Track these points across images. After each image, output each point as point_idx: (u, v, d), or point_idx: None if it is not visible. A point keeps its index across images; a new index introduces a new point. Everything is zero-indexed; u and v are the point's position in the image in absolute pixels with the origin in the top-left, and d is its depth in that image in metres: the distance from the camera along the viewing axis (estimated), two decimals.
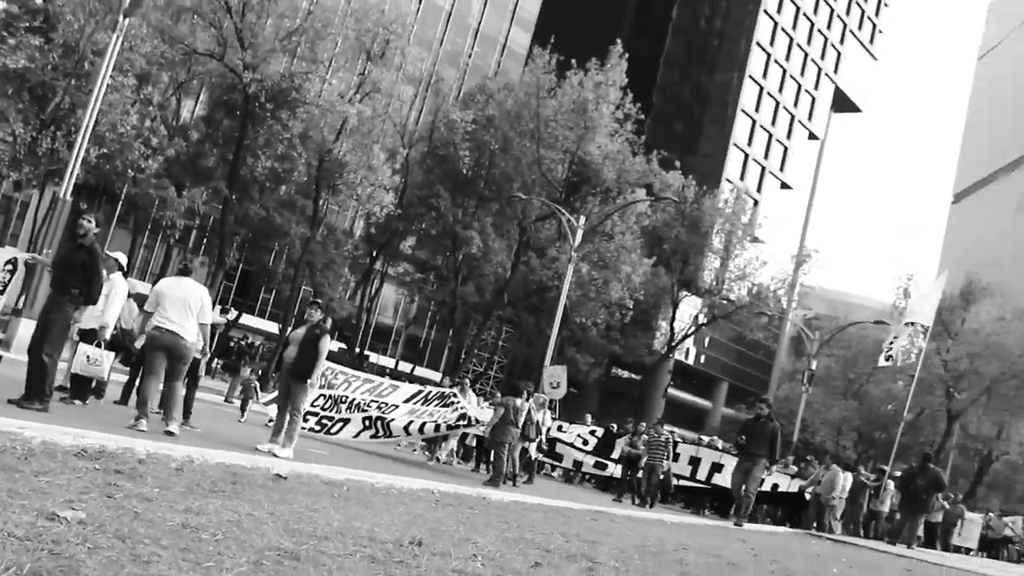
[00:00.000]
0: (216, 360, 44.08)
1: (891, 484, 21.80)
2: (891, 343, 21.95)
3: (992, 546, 28.96)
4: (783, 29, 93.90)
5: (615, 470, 21.78)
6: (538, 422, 18.23)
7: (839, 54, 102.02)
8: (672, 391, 73.81)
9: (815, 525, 19.51)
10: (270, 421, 16.12)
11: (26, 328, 15.62)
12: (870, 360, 65.27)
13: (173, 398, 10.52)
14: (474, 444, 20.38)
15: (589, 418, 25.95)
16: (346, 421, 15.91)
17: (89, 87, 26.96)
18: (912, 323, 21.19)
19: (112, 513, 3.73)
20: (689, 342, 65.84)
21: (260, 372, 22.24)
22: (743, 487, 16.01)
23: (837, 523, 20.28)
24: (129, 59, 33.16)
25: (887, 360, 22.70)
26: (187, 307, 10.44)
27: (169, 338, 10.34)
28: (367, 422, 16.07)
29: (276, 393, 15.80)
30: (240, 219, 41.07)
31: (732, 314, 56.60)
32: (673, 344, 58.68)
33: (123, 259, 12.12)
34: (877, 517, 21.73)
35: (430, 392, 17.21)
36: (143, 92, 36.65)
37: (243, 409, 19.10)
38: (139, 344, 11.19)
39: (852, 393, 64.31)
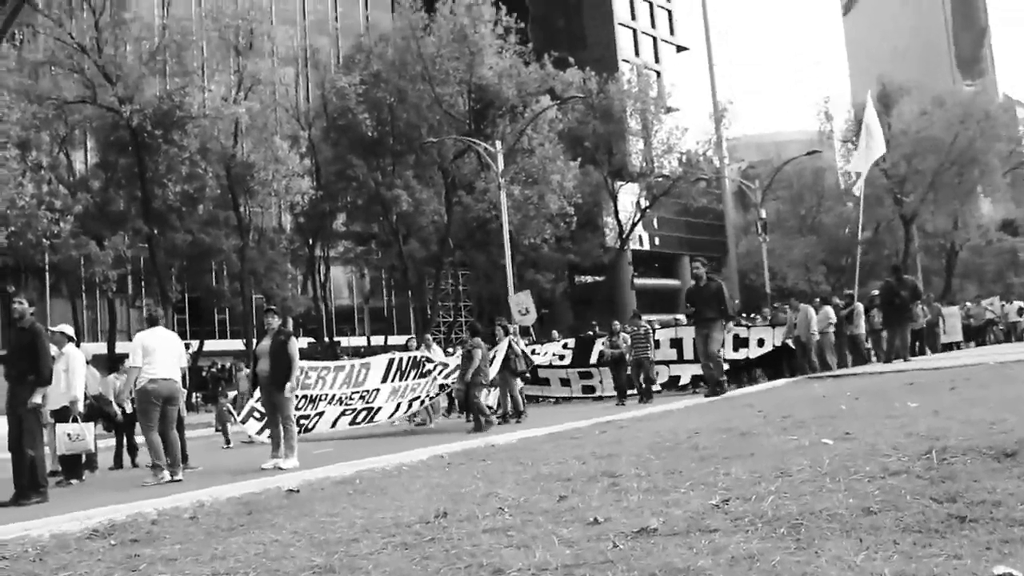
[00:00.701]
0: (194, 394, 43.71)
1: (860, 306, 22.05)
2: (853, 180, 22.10)
3: (979, 333, 29.47)
4: None
5: (602, 379, 21.80)
6: (524, 353, 18.29)
7: None
8: (638, 281, 74.34)
9: (809, 367, 19.71)
10: (248, 439, 16.12)
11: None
12: (814, 192, 66.31)
13: (176, 445, 10.89)
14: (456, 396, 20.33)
15: (556, 334, 25.98)
16: (321, 413, 15.89)
17: None
18: (879, 162, 21.25)
19: None
20: (639, 228, 66.19)
21: (234, 393, 22.01)
22: (707, 354, 15.47)
23: (832, 356, 20.51)
24: (2, 131, 32.15)
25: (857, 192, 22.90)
26: (170, 354, 10.95)
27: (166, 386, 10.79)
28: (348, 412, 16.12)
29: (247, 409, 15.93)
30: (169, 251, 40.51)
31: (671, 189, 56.93)
32: (625, 236, 59.02)
33: (70, 330, 12.10)
34: (856, 341, 21.93)
35: (402, 360, 17.11)
36: (29, 159, 35.63)
37: (225, 436, 18.84)
38: (128, 407, 11.73)
39: (807, 228, 65.23)
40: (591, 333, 25.42)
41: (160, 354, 10.77)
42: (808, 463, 5.05)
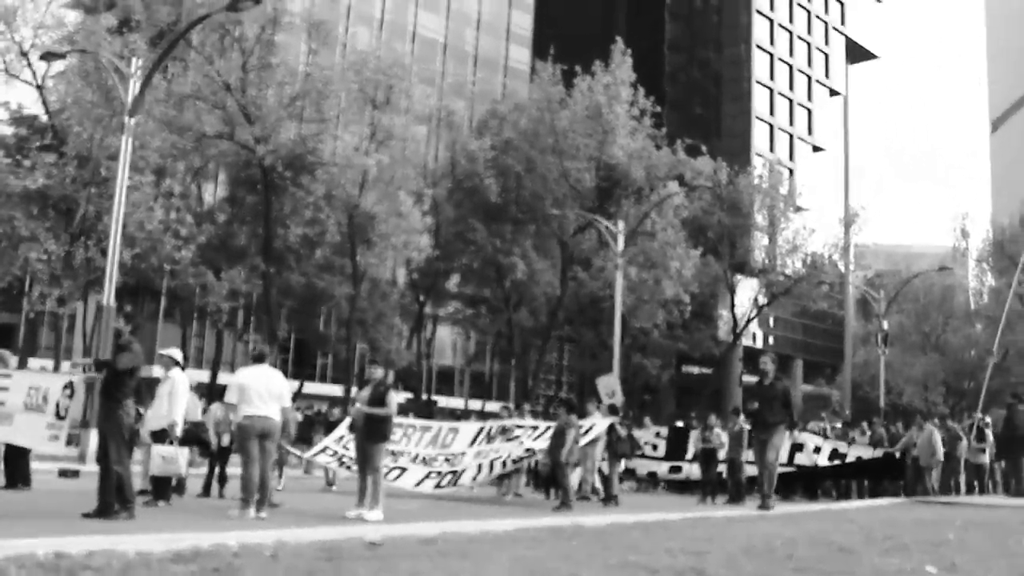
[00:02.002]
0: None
1: (989, 433, 20.62)
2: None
3: None
4: None
5: (690, 470, 20.92)
6: (633, 437, 17.92)
7: (842, 4, 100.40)
8: (746, 378, 72.33)
9: (919, 490, 18.59)
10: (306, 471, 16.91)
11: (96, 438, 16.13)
12: (941, 310, 63.62)
13: (267, 483, 11.01)
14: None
15: (648, 420, 25.06)
16: (403, 469, 15.78)
17: (110, 192, 26.94)
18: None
19: None
20: (754, 325, 64.50)
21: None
22: (763, 461, 13.74)
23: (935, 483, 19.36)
24: (143, 156, 33.26)
25: None
26: (270, 394, 10.89)
27: (261, 423, 10.73)
28: (432, 475, 15.85)
29: (320, 447, 16.24)
30: (283, 290, 41.16)
31: (791, 289, 55.27)
32: (738, 331, 57.47)
33: (177, 354, 12.34)
34: (980, 469, 20.52)
35: (491, 428, 17.00)
36: (163, 186, 36.81)
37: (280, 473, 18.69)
38: (225, 439, 12.28)
39: (931, 346, 62.47)
40: (685, 424, 24.43)
41: (260, 394, 10.79)
42: None
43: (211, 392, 19.94)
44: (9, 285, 36.29)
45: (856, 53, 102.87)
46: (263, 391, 10.79)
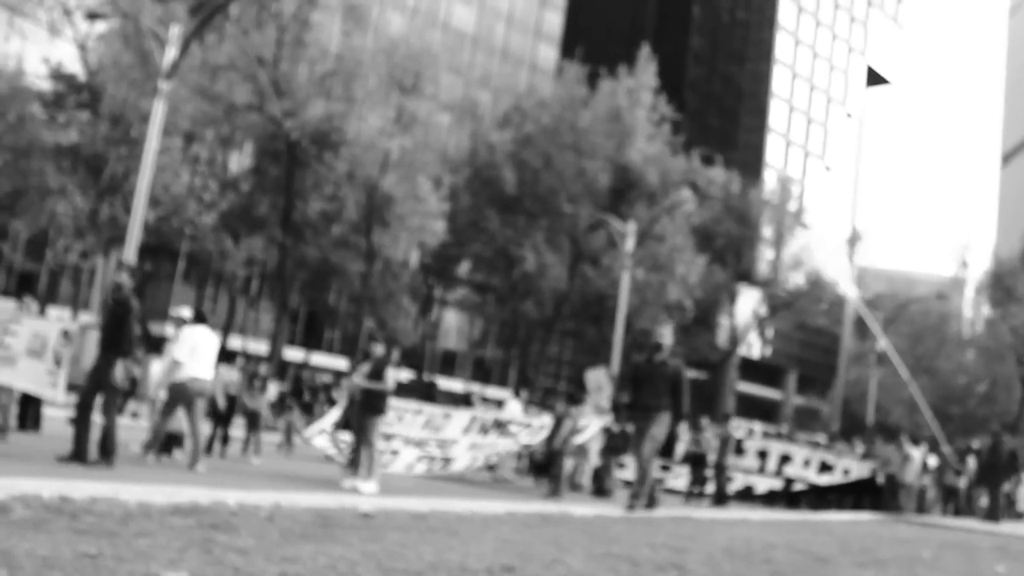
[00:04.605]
0: (288, 400, 44.77)
1: (971, 460, 21.36)
2: None
3: None
4: (805, 10, 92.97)
5: (679, 473, 21.38)
6: (627, 434, 18.14)
7: (864, 27, 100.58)
8: (741, 386, 73.02)
9: (892, 506, 19.11)
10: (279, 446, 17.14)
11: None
12: (935, 335, 64.10)
13: (200, 437, 11.43)
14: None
15: None
16: (395, 452, 15.92)
17: (139, 153, 27.66)
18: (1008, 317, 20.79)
19: (213, 570, 3.81)
20: (752, 334, 65.16)
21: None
22: (640, 455, 10.84)
23: (911, 502, 19.86)
24: (174, 121, 33.90)
25: None
26: (212, 356, 11.50)
27: (201, 385, 11.24)
28: (425, 459, 16.17)
29: (316, 428, 16.36)
30: (298, 262, 41.68)
31: (792, 303, 55.98)
32: (737, 341, 58.16)
33: (187, 313, 12.38)
34: (955, 494, 21.18)
35: (485, 421, 17.13)
36: (190, 151, 37.48)
37: (289, 441, 19.05)
38: (163, 393, 11.83)
39: (922, 370, 62.94)
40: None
41: (206, 354, 11.34)
42: None
43: (220, 355, 20.01)
44: (34, 235, 37.15)
45: (874, 76, 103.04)
46: (209, 354, 11.35)
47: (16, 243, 41.98)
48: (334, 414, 16.52)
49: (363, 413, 11.80)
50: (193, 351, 11.15)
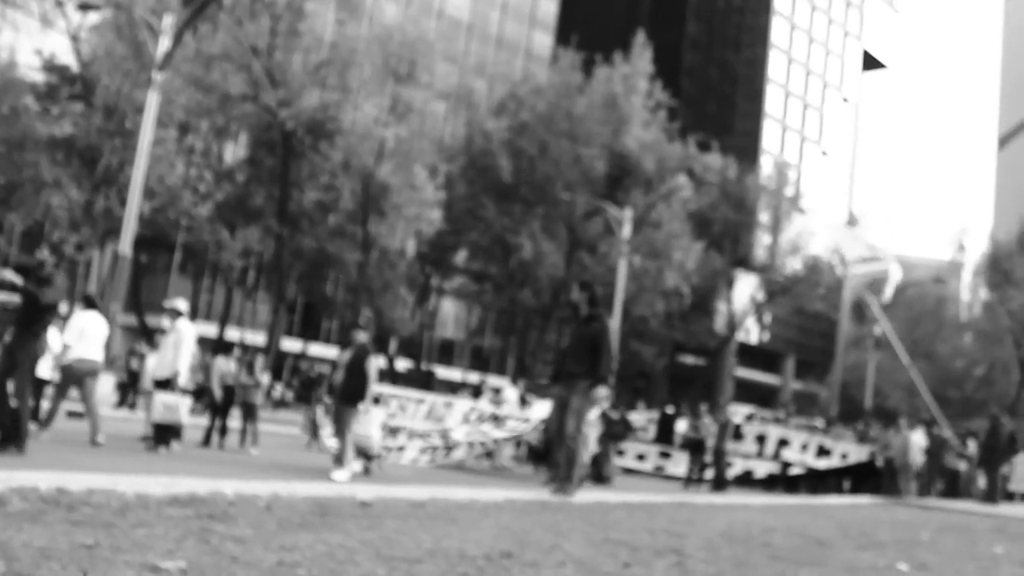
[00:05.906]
0: (285, 389, 44.93)
1: (971, 443, 21.46)
2: None
3: None
4: None
5: (678, 460, 21.48)
6: (627, 420, 18.29)
7: (860, 11, 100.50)
8: (739, 371, 73.18)
9: (892, 490, 19.22)
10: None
11: None
12: (933, 319, 64.26)
13: (95, 415, 11.75)
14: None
15: (642, 406, 25.83)
16: (401, 448, 16.12)
17: (134, 144, 27.58)
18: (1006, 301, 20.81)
19: (210, 559, 3.80)
20: (750, 320, 65.27)
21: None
22: (560, 433, 9.90)
23: (911, 485, 19.96)
24: (168, 112, 33.84)
25: None
26: (101, 339, 11.88)
27: (89, 366, 11.69)
28: (427, 450, 16.33)
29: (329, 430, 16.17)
30: (294, 253, 41.69)
31: (790, 289, 56.04)
32: (735, 326, 58.23)
33: (183, 305, 12.52)
34: (955, 476, 21.29)
35: (483, 412, 17.33)
36: (185, 142, 37.38)
37: (316, 436, 18.99)
38: (55, 373, 12.33)
39: (920, 353, 63.12)
40: (675, 411, 25.18)
41: (95, 336, 11.73)
42: None
43: (218, 346, 20.10)
44: (29, 228, 37.03)
45: (870, 61, 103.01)
46: (97, 336, 11.75)
47: (11, 236, 41.91)
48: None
49: (341, 403, 11.61)
50: (81, 334, 11.57)
